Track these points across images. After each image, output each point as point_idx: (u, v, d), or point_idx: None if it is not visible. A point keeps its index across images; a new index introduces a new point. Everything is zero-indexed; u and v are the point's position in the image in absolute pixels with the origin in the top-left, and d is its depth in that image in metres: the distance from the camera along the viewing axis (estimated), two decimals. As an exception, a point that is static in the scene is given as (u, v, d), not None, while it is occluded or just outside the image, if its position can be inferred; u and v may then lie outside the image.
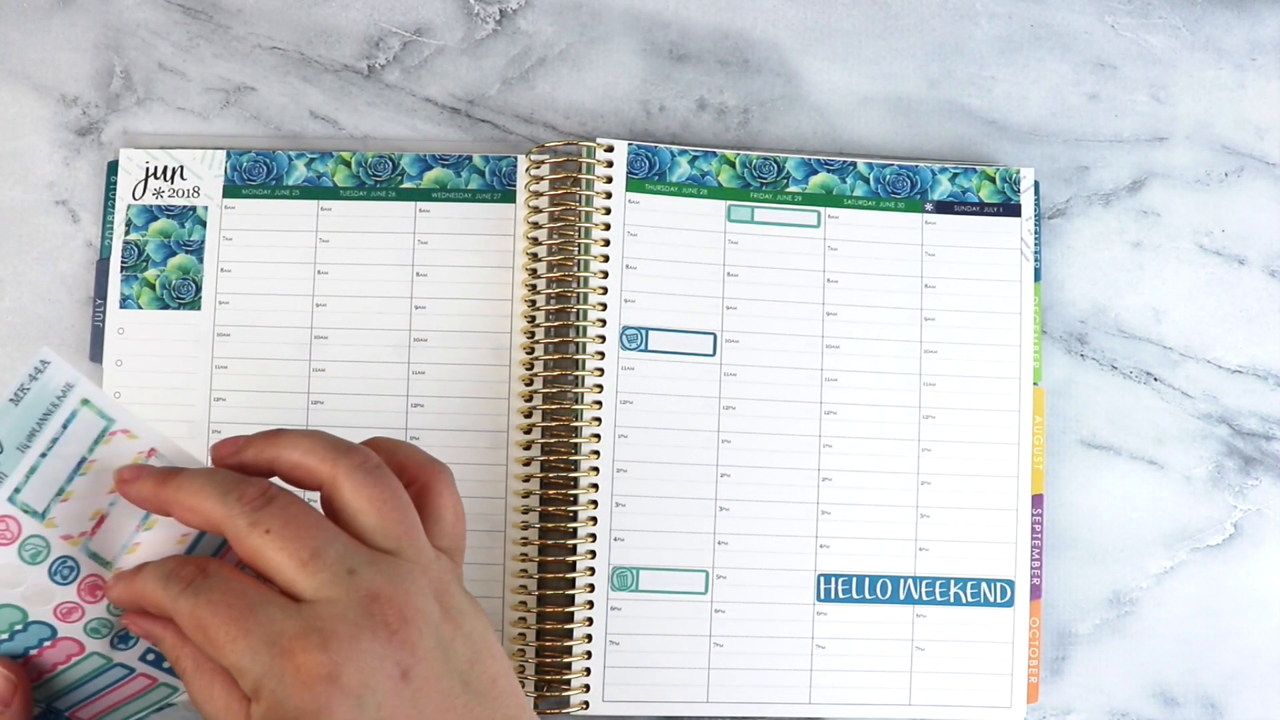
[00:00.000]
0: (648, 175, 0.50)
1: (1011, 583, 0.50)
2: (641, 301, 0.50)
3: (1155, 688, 0.51)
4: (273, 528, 0.33)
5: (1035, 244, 0.51)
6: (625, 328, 0.50)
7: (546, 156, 0.51)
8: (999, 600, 0.50)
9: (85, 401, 0.33)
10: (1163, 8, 0.53)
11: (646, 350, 0.50)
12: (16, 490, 0.33)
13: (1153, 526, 0.51)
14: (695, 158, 0.51)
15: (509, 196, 0.51)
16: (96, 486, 0.34)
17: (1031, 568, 0.50)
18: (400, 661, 0.32)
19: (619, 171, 0.50)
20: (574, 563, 0.49)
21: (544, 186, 0.50)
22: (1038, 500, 0.50)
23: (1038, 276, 0.51)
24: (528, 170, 0.50)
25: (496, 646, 0.35)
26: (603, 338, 0.49)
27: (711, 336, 0.50)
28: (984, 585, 0.50)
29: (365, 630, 0.32)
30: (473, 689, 0.34)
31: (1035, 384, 0.50)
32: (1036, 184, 0.51)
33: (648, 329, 0.50)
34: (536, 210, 0.50)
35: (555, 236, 0.50)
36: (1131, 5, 0.53)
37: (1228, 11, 0.53)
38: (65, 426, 0.33)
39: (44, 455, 0.33)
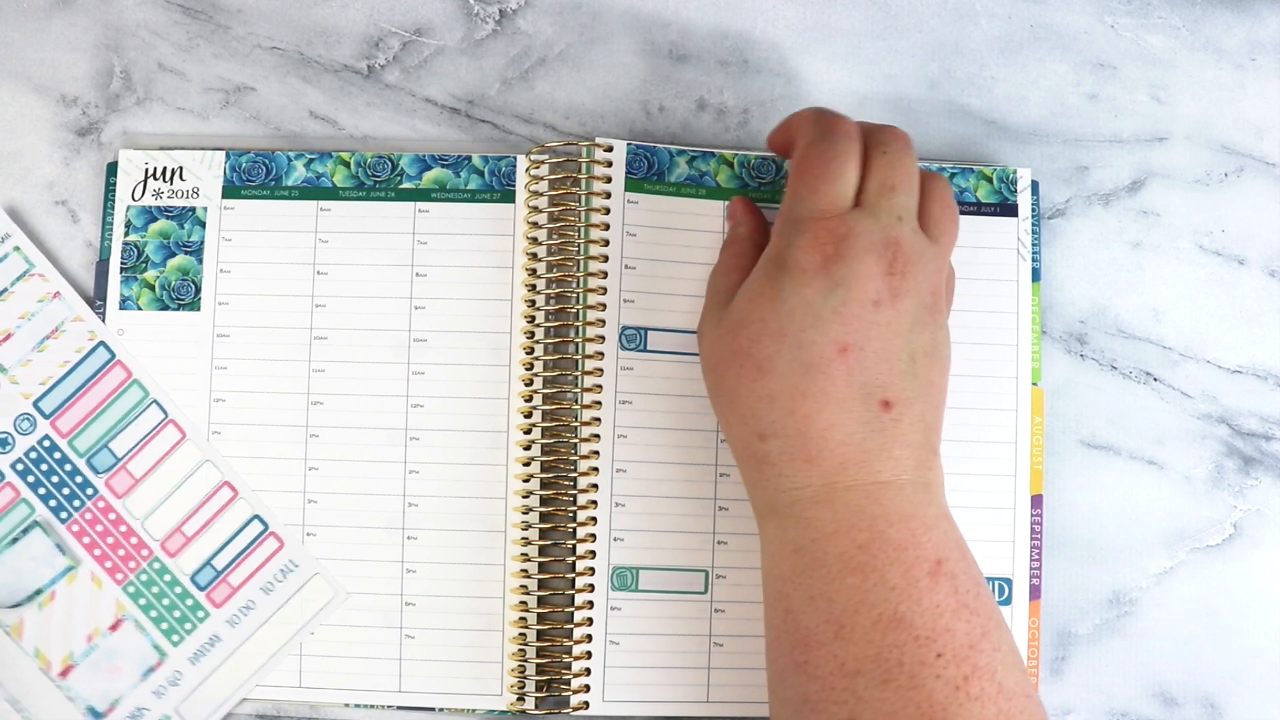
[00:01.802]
0: (646, 175, 0.50)
1: (1010, 581, 0.50)
2: (641, 301, 0.50)
3: (1155, 688, 0.51)
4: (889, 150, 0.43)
5: (1034, 244, 0.51)
6: (624, 328, 0.50)
7: (546, 157, 0.51)
8: (998, 599, 0.50)
9: (16, 248, 0.49)
10: (1163, 8, 0.53)
11: (646, 350, 0.50)
12: None
13: (1153, 526, 0.51)
14: (694, 158, 0.51)
15: (508, 197, 0.51)
16: (8, 311, 0.49)
17: (1031, 568, 0.50)
18: (880, 292, 0.40)
19: (618, 171, 0.50)
20: (574, 563, 0.49)
21: (543, 187, 0.50)
22: (1037, 500, 0.50)
23: (1036, 276, 0.51)
24: (527, 170, 0.50)
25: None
26: (602, 338, 0.49)
27: (711, 336, 0.50)
28: (983, 585, 0.50)
29: (872, 253, 0.40)
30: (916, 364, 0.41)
31: (1035, 384, 0.50)
32: (1035, 184, 0.51)
33: (647, 329, 0.50)
34: (536, 210, 0.50)
35: (555, 236, 0.50)
36: (1131, 5, 0.53)
37: (1228, 11, 0.53)
38: None
39: None
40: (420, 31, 0.53)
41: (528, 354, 0.50)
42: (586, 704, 0.48)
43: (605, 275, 0.50)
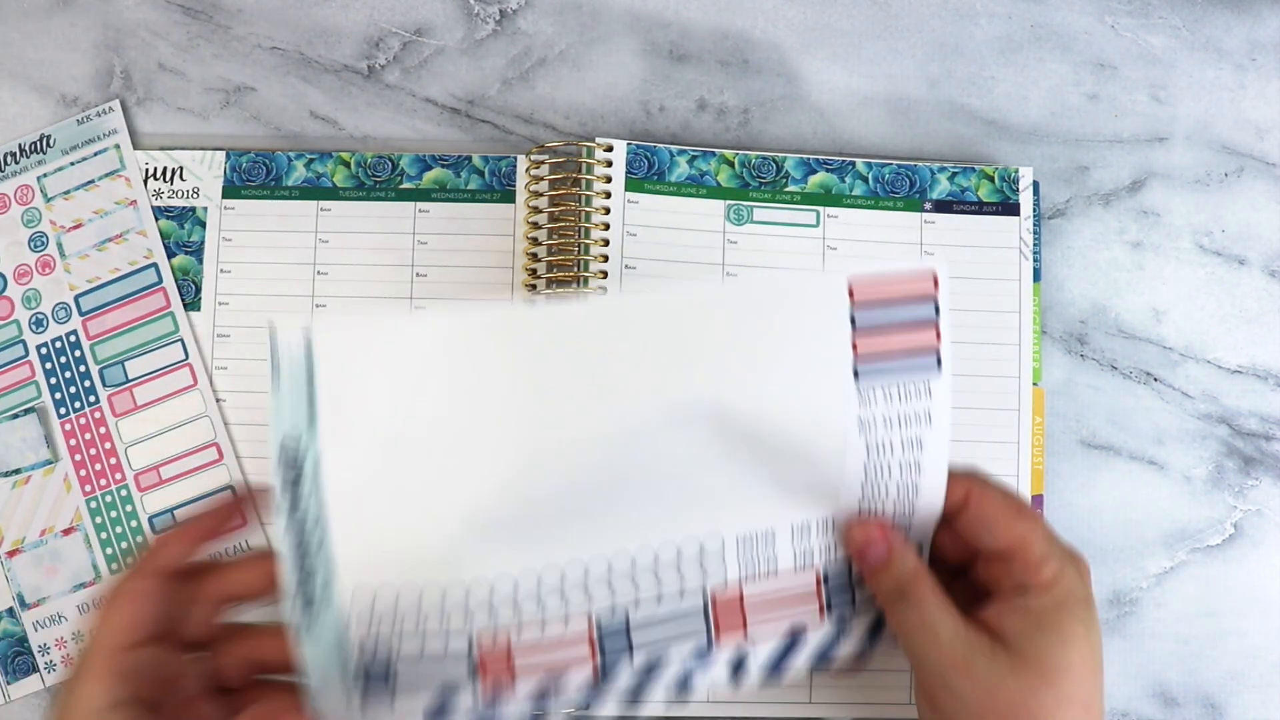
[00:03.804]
0: (647, 175, 0.50)
1: (1011, 583, 0.50)
2: (641, 301, 0.50)
3: (1155, 688, 0.51)
4: None
5: (1035, 243, 0.51)
6: (625, 328, 0.49)
7: (546, 157, 0.51)
8: (999, 600, 0.49)
9: (117, 146, 0.51)
10: (1163, 8, 0.53)
11: (646, 350, 0.50)
12: (45, 175, 0.51)
13: (1153, 526, 0.51)
14: (694, 157, 0.51)
15: (509, 197, 0.51)
16: (87, 202, 0.51)
17: (1031, 568, 0.50)
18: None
19: (618, 171, 0.50)
20: (574, 563, 0.49)
21: (544, 186, 0.50)
22: (1038, 500, 0.50)
23: (1037, 276, 0.51)
24: (527, 170, 0.50)
25: None
26: (602, 338, 0.49)
27: (711, 336, 0.50)
28: (984, 585, 0.50)
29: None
30: None
31: (1035, 384, 0.50)
32: (1036, 183, 0.51)
33: (647, 329, 0.50)
34: (536, 210, 0.50)
35: (555, 236, 0.50)
36: (1131, 5, 0.53)
37: (1228, 11, 0.53)
38: (97, 155, 0.51)
39: (74, 164, 0.51)
40: (420, 31, 0.53)
41: (528, 354, 0.50)
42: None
43: (605, 275, 0.50)
